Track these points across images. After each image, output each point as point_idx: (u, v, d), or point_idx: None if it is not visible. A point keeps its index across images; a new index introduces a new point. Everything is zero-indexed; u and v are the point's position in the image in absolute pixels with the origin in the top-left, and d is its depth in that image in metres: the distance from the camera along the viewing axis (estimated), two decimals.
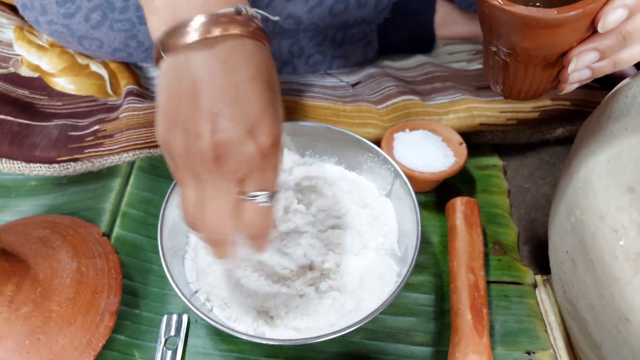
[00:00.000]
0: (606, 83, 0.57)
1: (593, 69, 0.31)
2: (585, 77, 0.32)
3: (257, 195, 0.30)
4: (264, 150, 0.29)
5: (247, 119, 0.28)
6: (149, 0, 0.30)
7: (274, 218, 0.33)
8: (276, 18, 0.33)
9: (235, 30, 0.28)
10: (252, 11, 0.30)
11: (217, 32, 0.28)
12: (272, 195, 0.31)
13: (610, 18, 0.28)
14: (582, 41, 0.30)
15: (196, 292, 0.40)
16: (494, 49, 0.33)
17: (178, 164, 0.30)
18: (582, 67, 0.31)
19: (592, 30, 0.30)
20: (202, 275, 0.41)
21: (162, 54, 0.29)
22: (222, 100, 0.28)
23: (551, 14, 0.28)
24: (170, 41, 0.29)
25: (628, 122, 0.34)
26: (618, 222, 0.30)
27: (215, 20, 0.28)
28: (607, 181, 0.32)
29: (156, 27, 0.30)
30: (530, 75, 0.33)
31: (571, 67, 0.31)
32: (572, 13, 0.27)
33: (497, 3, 0.29)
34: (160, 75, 0.30)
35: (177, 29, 0.28)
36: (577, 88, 0.56)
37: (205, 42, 0.28)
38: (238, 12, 0.29)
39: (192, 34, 0.28)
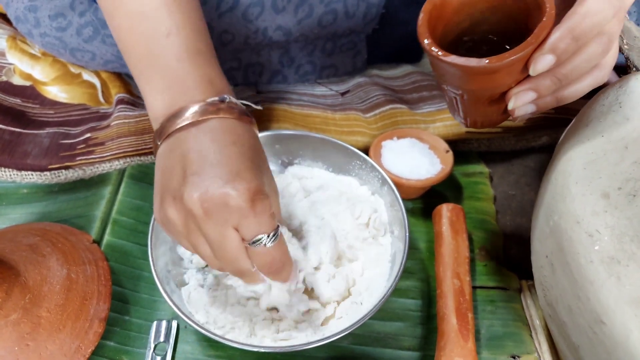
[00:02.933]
0: (590, 91, 0.58)
1: (537, 104, 0.33)
2: (530, 111, 0.33)
3: (259, 239, 0.32)
4: (247, 197, 0.31)
5: (228, 174, 0.31)
6: (146, 93, 0.35)
7: (286, 249, 0.35)
8: (259, 108, 0.39)
9: (222, 114, 0.33)
10: (236, 100, 0.34)
11: (205, 116, 0.32)
12: (274, 234, 0.33)
13: (539, 65, 0.30)
14: (520, 81, 0.32)
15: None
16: (445, 88, 0.35)
17: (181, 231, 0.33)
18: (522, 104, 0.33)
19: (527, 74, 0.32)
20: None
21: (158, 142, 0.34)
22: (204, 164, 0.31)
23: (483, 63, 0.30)
24: (165, 129, 0.33)
25: (604, 130, 0.35)
26: (593, 226, 0.31)
27: (203, 108, 0.32)
28: (583, 187, 0.33)
29: (154, 117, 0.34)
30: (481, 110, 0.36)
31: (510, 105, 0.33)
32: (503, 62, 0.30)
33: (435, 54, 0.31)
34: (157, 158, 0.34)
35: (171, 118, 0.33)
36: None
37: (193, 123, 0.32)
38: (222, 101, 0.33)
39: (183, 120, 0.32)
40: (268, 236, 0.33)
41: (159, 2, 0.34)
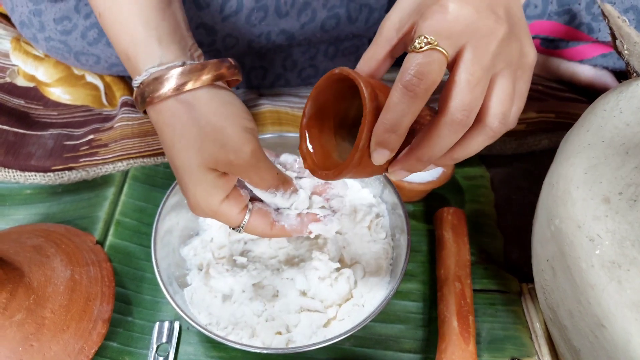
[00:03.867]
0: (590, 96, 0.59)
1: (410, 170, 0.31)
2: (403, 177, 0.32)
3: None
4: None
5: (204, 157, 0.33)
6: (126, 56, 0.35)
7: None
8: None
9: (198, 80, 0.33)
10: (211, 61, 0.34)
11: (185, 87, 0.33)
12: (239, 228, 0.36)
13: (377, 160, 0.29)
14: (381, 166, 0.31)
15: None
16: None
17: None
18: (402, 177, 0.32)
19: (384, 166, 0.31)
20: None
21: (141, 108, 0.34)
22: (185, 139, 0.33)
23: (335, 176, 0.30)
24: (144, 96, 0.33)
25: (605, 135, 0.36)
26: (594, 231, 0.32)
27: (181, 73, 0.33)
28: (584, 191, 0.33)
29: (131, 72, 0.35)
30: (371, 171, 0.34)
31: (392, 178, 0.32)
32: (345, 171, 0.29)
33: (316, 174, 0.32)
34: (152, 116, 0.35)
35: (150, 83, 0.33)
36: (562, 101, 0.58)
37: (173, 93, 0.33)
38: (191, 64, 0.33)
39: (164, 88, 0.33)
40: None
41: None
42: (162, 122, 0.34)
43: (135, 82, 0.34)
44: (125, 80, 0.60)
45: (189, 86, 0.33)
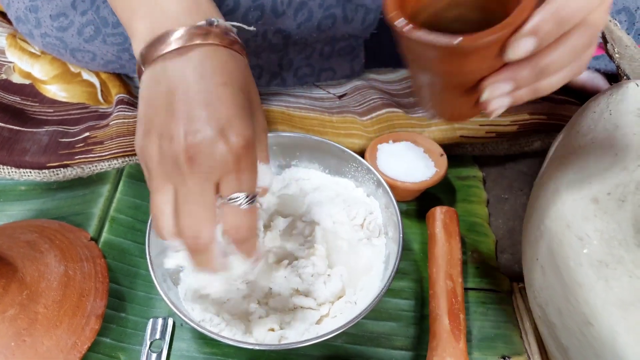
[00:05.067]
0: (582, 98, 0.59)
1: (512, 96, 0.29)
2: (505, 104, 0.30)
3: (236, 198, 0.30)
4: (236, 150, 0.29)
5: (218, 120, 0.29)
6: (131, 24, 0.33)
7: (257, 221, 0.33)
8: (252, 28, 0.35)
9: (209, 40, 0.30)
10: (226, 23, 0.32)
11: (193, 41, 0.30)
12: (252, 198, 0.31)
13: (517, 50, 0.26)
14: (497, 69, 0.28)
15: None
16: (413, 72, 0.32)
17: (152, 170, 0.31)
18: (497, 96, 0.29)
19: (504, 62, 0.28)
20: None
21: (142, 67, 0.31)
22: (194, 104, 0.29)
23: (455, 42, 0.25)
24: (149, 54, 0.31)
25: (594, 137, 0.36)
26: (583, 230, 0.32)
27: (190, 32, 0.30)
28: (574, 192, 0.34)
29: (138, 47, 0.32)
30: (450, 99, 0.32)
31: (484, 96, 0.29)
32: (477, 43, 0.26)
33: (400, 29, 0.27)
34: (141, 85, 0.32)
35: (156, 42, 0.30)
36: (554, 103, 0.59)
37: (180, 51, 0.30)
38: (210, 24, 0.31)
39: (169, 45, 0.30)
40: (247, 196, 0.31)
41: None
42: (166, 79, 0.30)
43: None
44: (121, 77, 0.60)
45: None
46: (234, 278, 0.40)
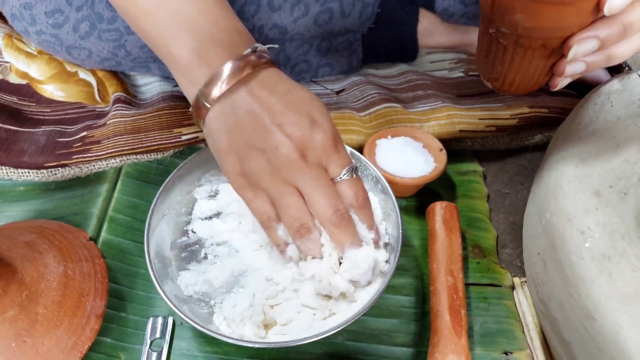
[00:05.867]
0: (582, 90, 0.59)
1: (588, 62, 0.31)
2: (580, 70, 0.32)
3: (344, 174, 0.35)
4: (331, 134, 0.34)
5: (305, 117, 0.34)
6: (173, 55, 0.35)
7: (362, 183, 0.37)
8: (276, 46, 0.40)
9: (258, 66, 0.35)
10: (262, 47, 0.36)
11: (245, 71, 0.34)
12: (354, 169, 0.36)
13: (618, 0, 0.28)
14: (583, 28, 0.30)
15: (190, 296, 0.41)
16: (493, 31, 0.32)
17: (267, 182, 0.35)
18: (581, 55, 0.31)
19: (595, 17, 0.29)
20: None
21: (207, 105, 0.34)
22: (278, 114, 0.34)
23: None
24: (209, 92, 0.34)
25: (596, 129, 0.36)
26: (584, 224, 0.32)
27: (240, 64, 0.34)
28: (575, 185, 0.34)
29: (187, 82, 0.35)
30: (526, 63, 0.33)
31: (571, 54, 0.31)
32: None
33: None
34: (211, 122, 0.35)
35: (213, 80, 0.34)
36: (554, 95, 0.59)
37: (240, 83, 0.34)
38: (254, 51, 0.35)
39: (227, 80, 0.34)
40: (350, 169, 0.35)
41: None
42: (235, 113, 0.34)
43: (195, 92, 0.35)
44: (118, 75, 0.60)
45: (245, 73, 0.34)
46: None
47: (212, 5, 0.36)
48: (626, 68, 0.56)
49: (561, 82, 0.34)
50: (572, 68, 0.32)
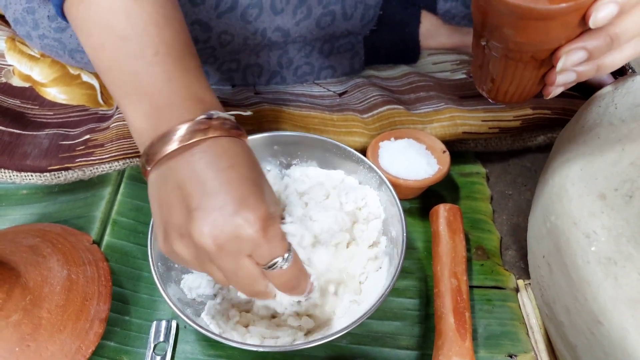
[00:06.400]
0: (586, 92, 0.59)
1: (578, 72, 0.32)
2: (571, 80, 0.32)
3: (275, 263, 0.32)
4: (257, 226, 0.30)
5: (232, 204, 0.30)
6: (131, 119, 0.33)
7: (301, 267, 0.35)
8: (248, 113, 0.37)
9: (210, 134, 0.31)
10: (224, 114, 0.32)
11: (194, 138, 0.30)
12: (287, 256, 0.33)
13: (601, 13, 0.28)
14: (571, 40, 0.31)
15: (193, 299, 0.41)
16: (484, 44, 0.33)
17: (192, 264, 0.33)
18: (569, 66, 0.31)
19: (582, 30, 0.30)
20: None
21: (147, 167, 0.32)
22: (205, 195, 0.30)
23: (544, 5, 0.28)
24: (152, 154, 0.31)
25: (600, 132, 0.36)
26: (590, 227, 0.32)
27: (191, 129, 0.31)
28: (580, 188, 0.34)
29: (140, 144, 0.33)
30: (518, 74, 0.34)
31: (559, 65, 0.31)
32: (564, 5, 0.28)
33: None
34: (149, 187, 0.33)
35: (159, 142, 0.31)
36: (557, 97, 0.58)
37: (183, 148, 0.30)
38: (210, 118, 0.31)
39: (172, 144, 0.30)
40: (283, 258, 0.33)
41: (147, 20, 0.32)
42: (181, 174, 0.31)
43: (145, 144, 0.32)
44: None
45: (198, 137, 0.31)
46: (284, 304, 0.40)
47: (173, 68, 0.32)
48: (630, 70, 0.56)
49: (554, 92, 0.34)
50: (563, 78, 0.32)
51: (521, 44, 0.31)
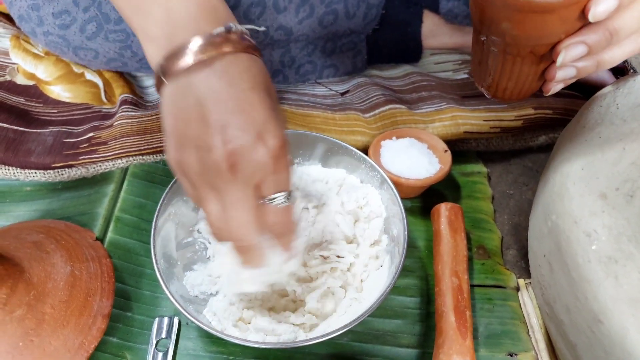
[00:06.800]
0: (587, 92, 0.59)
1: (578, 67, 0.32)
2: (570, 75, 0.32)
3: (275, 197, 0.32)
4: (274, 152, 0.30)
5: (254, 125, 0.30)
6: (144, 29, 0.32)
7: (292, 216, 0.34)
8: (262, 29, 0.35)
9: (228, 48, 0.30)
10: (241, 28, 0.32)
11: (213, 52, 0.30)
12: (289, 195, 0.33)
13: (601, 7, 0.28)
14: (570, 35, 0.30)
15: (196, 295, 0.42)
16: (484, 38, 0.33)
17: (195, 181, 0.31)
18: (569, 61, 0.31)
19: (581, 24, 0.30)
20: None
21: (164, 79, 0.31)
22: (227, 112, 0.29)
23: None
24: (169, 66, 0.30)
25: (601, 131, 0.36)
26: (591, 226, 0.32)
27: (209, 41, 0.30)
28: (581, 187, 0.34)
29: (154, 54, 0.32)
30: (517, 70, 0.33)
31: (559, 59, 0.31)
32: (561, 0, 0.28)
33: None
34: (164, 99, 0.32)
35: (175, 54, 0.30)
36: (559, 97, 0.59)
37: (203, 63, 0.30)
38: (228, 31, 0.31)
39: (190, 57, 0.30)
40: (285, 195, 0.32)
41: None
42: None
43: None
44: (124, 76, 0.60)
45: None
46: (271, 272, 0.39)
47: None
48: (631, 70, 0.56)
49: (554, 88, 0.34)
50: (563, 73, 0.32)
51: (519, 38, 0.31)
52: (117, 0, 0.33)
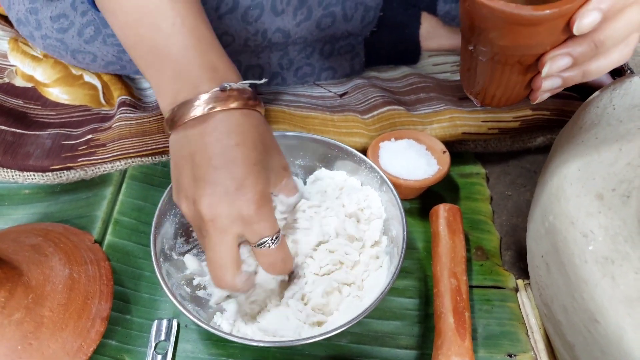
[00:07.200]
0: (584, 93, 0.59)
1: (564, 78, 0.32)
2: (556, 85, 0.33)
3: (264, 242, 0.35)
4: (252, 204, 0.33)
5: (232, 180, 0.33)
6: (157, 84, 0.36)
7: (286, 250, 0.37)
8: (263, 81, 0.38)
9: (226, 105, 0.34)
10: (238, 85, 0.35)
11: (207, 109, 0.33)
12: (276, 237, 0.35)
13: (585, 20, 0.29)
14: (556, 46, 0.31)
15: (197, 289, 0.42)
16: (472, 48, 0.33)
17: (191, 223, 0.36)
18: (555, 72, 0.32)
19: (567, 36, 0.31)
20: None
21: (169, 132, 0.36)
22: (211, 168, 0.33)
23: (528, 10, 0.29)
24: (174, 120, 0.34)
25: (598, 132, 0.36)
26: (587, 227, 0.32)
27: (210, 99, 0.33)
28: (578, 188, 0.34)
29: (163, 107, 0.36)
30: (505, 78, 0.34)
31: (545, 70, 0.32)
32: (548, 12, 0.28)
33: None
34: (170, 147, 0.36)
35: (180, 109, 0.34)
36: (556, 98, 0.59)
37: (199, 119, 0.33)
38: (223, 90, 0.34)
39: (190, 113, 0.33)
40: (272, 239, 0.35)
41: None
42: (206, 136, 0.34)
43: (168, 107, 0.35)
44: (123, 79, 0.60)
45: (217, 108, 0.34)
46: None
47: (188, 37, 0.35)
48: (628, 71, 0.56)
49: (540, 97, 0.34)
50: (549, 83, 0.33)
51: (506, 48, 0.31)
52: (135, 60, 0.37)
